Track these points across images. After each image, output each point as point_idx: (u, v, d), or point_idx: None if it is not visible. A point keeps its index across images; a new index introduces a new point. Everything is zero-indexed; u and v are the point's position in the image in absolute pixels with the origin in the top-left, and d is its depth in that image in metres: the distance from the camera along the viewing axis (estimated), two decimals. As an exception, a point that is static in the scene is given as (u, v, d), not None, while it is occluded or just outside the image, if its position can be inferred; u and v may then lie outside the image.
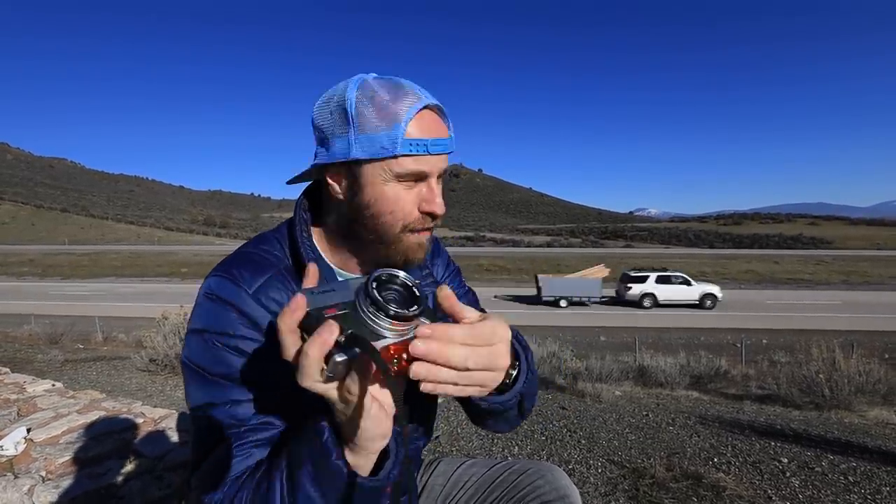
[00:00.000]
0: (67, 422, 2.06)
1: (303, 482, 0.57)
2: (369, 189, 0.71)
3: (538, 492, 0.88)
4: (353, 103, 0.69)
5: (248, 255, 0.75)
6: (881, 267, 31.40)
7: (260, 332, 0.69)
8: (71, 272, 33.28)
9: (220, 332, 0.68)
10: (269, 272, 0.73)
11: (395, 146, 0.68)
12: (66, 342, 10.09)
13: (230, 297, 0.69)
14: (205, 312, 0.70)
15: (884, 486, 2.67)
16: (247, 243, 0.80)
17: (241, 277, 0.70)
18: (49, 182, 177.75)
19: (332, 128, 0.71)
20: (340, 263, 0.81)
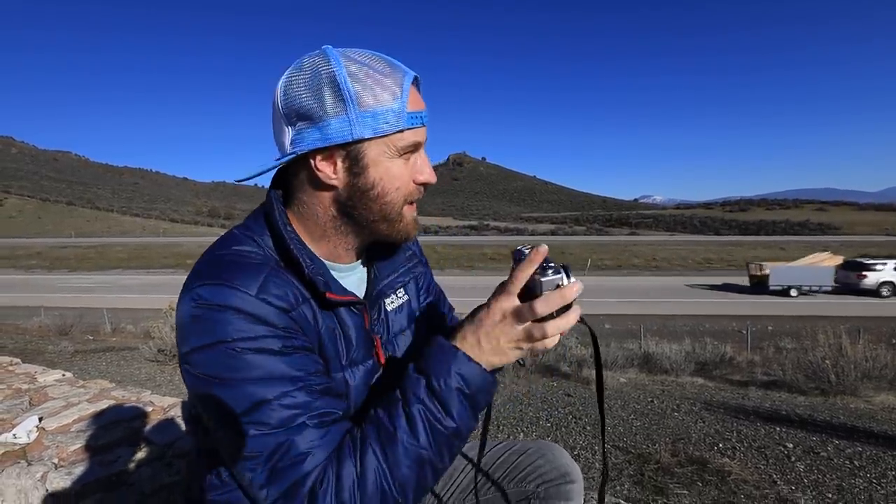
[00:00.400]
0: (78, 410, 2.09)
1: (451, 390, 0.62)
2: (373, 169, 0.69)
3: (539, 471, 0.88)
4: (346, 79, 0.64)
5: (229, 258, 0.67)
6: (888, 251, 31.12)
7: (279, 330, 0.63)
8: (78, 265, 33.57)
9: (241, 339, 0.60)
10: (262, 272, 0.65)
11: (401, 121, 0.67)
12: (76, 333, 10.22)
13: (233, 303, 0.61)
14: (208, 325, 0.61)
15: (889, 470, 2.67)
16: (218, 246, 0.70)
17: (236, 281, 0.62)
18: (54, 175, 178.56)
19: (319, 108, 0.65)
20: (327, 253, 0.76)
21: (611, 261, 30.85)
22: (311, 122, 0.66)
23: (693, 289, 22.61)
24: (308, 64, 0.66)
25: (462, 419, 0.63)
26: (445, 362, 0.63)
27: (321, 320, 0.70)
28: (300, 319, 0.66)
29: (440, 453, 0.63)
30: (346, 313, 0.75)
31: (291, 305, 0.65)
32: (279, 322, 0.63)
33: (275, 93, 0.69)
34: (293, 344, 0.64)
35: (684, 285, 23.53)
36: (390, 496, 0.60)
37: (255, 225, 0.74)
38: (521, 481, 0.89)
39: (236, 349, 0.60)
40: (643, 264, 29.59)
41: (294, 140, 0.67)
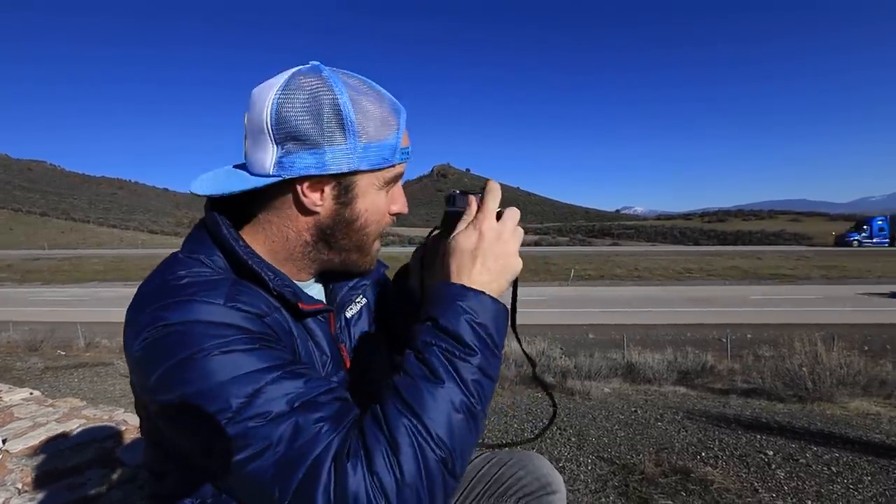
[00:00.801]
0: (46, 431, 2.01)
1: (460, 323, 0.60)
2: (361, 200, 0.69)
3: (520, 483, 0.88)
4: (350, 108, 0.63)
5: (180, 279, 0.61)
6: (859, 262, 32.17)
7: (253, 334, 0.58)
8: (51, 277, 32.49)
9: (214, 345, 0.55)
10: (224, 283, 0.61)
11: (396, 156, 0.69)
12: (47, 349, 9.84)
13: (201, 317, 0.56)
14: (176, 342, 0.55)
15: (865, 475, 2.72)
16: (159, 272, 0.64)
17: (199, 294, 0.57)
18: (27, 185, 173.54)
19: (318, 134, 0.62)
20: (289, 273, 0.73)
21: (593, 271, 31.19)
22: (306, 146, 0.63)
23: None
24: (306, 84, 0.63)
25: (482, 350, 0.60)
26: (448, 298, 0.62)
27: (295, 331, 0.69)
28: (275, 325, 0.63)
29: (472, 393, 0.57)
30: (313, 323, 0.73)
31: (264, 312, 0.62)
32: (254, 327, 0.59)
33: (260, 106, 0.63)
34: (272, 346, 0.60)
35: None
36: (432, 455, 0.52)
37: (200, 246, 0.68)
38: (501, 496, 0.88)
39: (213, 354, 0.54)
40: (625, 274, 29.98)
41: (281, 162, 0.63)
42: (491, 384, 0.61)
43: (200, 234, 0.70)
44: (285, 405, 0.54)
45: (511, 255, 0.67)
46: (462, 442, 0.56)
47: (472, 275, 0.64)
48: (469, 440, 0.57)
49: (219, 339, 0.55)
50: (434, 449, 0.53)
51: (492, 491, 0.89)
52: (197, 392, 0.54)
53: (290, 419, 0.53)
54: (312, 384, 0.57)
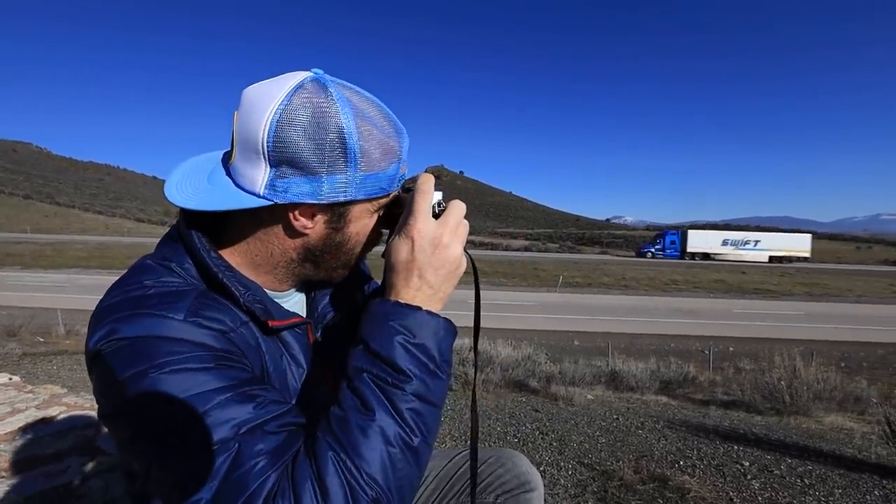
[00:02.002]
0: (25, 417, 1.98)
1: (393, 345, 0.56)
2: (354, 224, 0.67)
3: (499, 481, 0.90)
4: (356, 137, 0.59)
5: (144, 292, 0.58)
6: (840, 280, 32.87)
7: (214, 354, 0.55)
8: (32, 262, 31.79)
9: (166, 361, 0.52)
10: (190, 294, 0.58)
11: (394, 185, 0.67)
12: (25, 335, 9.64)
13: (158, 332, 0.53)
14: (129, 357, 0.52)
15: (836, 488, 2.79)
16: (129, 277, 0.61)
17: (159, 308, 0.55)
18: (11, 167, 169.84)
19: (318, 163, 0.59)
20: (268, 283, 0.71)
21: (581, 278, 31.42)
22: (303, 172, 0.59)
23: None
24: (309, 103, 0.58)
25: (418, 375, 0.55)
26: (379, 318, 0.58)
27: (265, 346, 0.65)
28: (241, 342, 0.60)
29: (408, 425, 0.53)
30: (289, 335, 0.70)
31: (229, 327, 0.59)
32: (215, 344, 0.56)
33: (257, 120, 0.58)
34: (231, 364, 0.56)
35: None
36: (364, 497, 0.50)
37: (173, 253, 0.65)
38: (481, 492, 0.90)
39: (164, 371, 0.51)
40: (613, 283, 30.26)
41: (273, 184, 0.60)
42: (433, 411, 0.57)
43: (174, 241, 0.67)
44: (229, 431, 0.51)
45: (452, 260, 0.61)
46: (400, 479, 0.52)
47: (409, 289, 0.60)
48: (409, 475, 0.53)
49: (170, 356, 0.52)
50: (366, 489, 0.50)
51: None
52: (140, 412, 0.52)
53: (231, 449, 0.51)
54: (262, 410, 0.54)
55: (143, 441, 0.53)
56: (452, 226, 0.63)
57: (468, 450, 0.97)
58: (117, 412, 0.54)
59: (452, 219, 0.63)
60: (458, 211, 0.64)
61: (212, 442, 0.50)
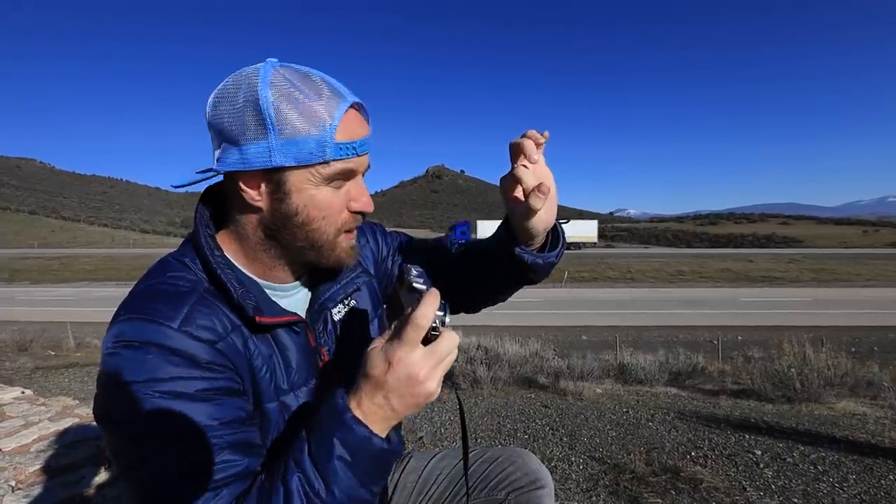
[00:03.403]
0: (38, 430, 2.00)
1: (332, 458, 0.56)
2: (297, 196, 0.66)
3: (510, 479, 0.90)
4: (270, 103, 0.62)
5: (155, 288, 0.64)
6: (848, 265, 32.62)
7: (200, 367, 0.60)
8: (41, 277, 32.11)
9: (153, 380, 0.57)
10: (188, 301, 0.63)
11: (325, 151, 0.64)
12: (36, 349, 9.73)
13: (153, 339, 0.58)
14: (126, 363, 0.58)
15: (850, 474, 2.78)
16: (147, 276, 0.68)
17: (158, 314, 0.60)
18: (16, 183, 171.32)
19: (241, 130, 0.63)
20: (263, 273, 0.73)
21: (587, 273, 31.36)
22: (232, 143, 0.64)
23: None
24: (240, 80, 0.64)
25: (348, 493, 0.57)
26: (329, 424, 0.58)
27: (254, 348, 0.68)
28: (228, 350, 0.64)
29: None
30: (285, 335, 0.72)
31: (219, 335, 0.63)
32: (202, 356, 0.60)
33: (207, 104, 0.66)
34: (212, 386, 0.60)
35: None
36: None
37: (187, 248, 0.71)
38: (492, 490, 0.90)
39: (146, 393, 0.57)
40: (618, 276, 30.18)
41: (219, 157, 0.66)
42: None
43: (190, 237, 0.72)
44: (173, 478, 0.57)
45: (423, 395, 0.59)
46: None
47: (372, 405, 0.59)
48: None
49: (160, 374, 0.58)
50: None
51: (482, 486, 0.91)
52: (117, 421, 0.59)
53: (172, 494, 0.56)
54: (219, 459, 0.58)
55: (118, 450, 0.60)
56: (436, 360, 0.59)
57: (478, 449, 0.99)
58: (104, 415, 0.60)
59: (439, 354, 0.60)
60: (449, 344, 0.60)
61: (156, 480, 0.57)
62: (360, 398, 0.59)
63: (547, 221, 0.78)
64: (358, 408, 0.59)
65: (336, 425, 0.57)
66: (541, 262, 0.81)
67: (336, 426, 0.57)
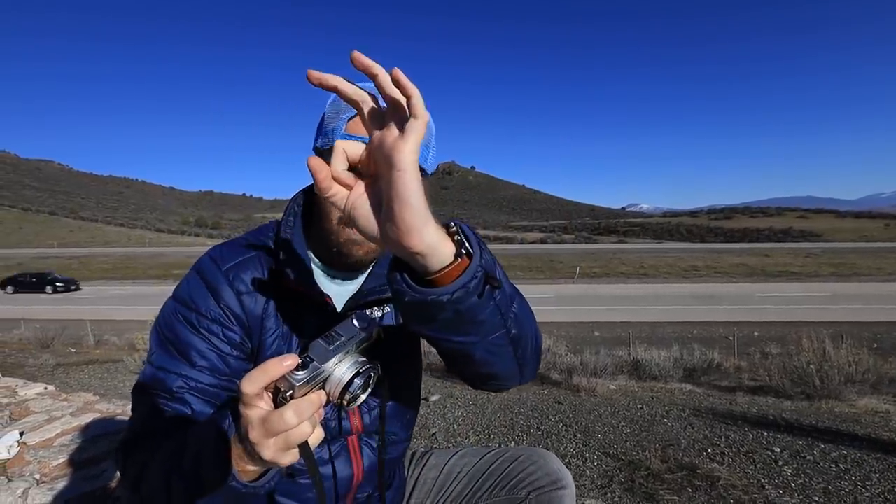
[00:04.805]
0: (61, 424, 2.05)
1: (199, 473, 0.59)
2: None
3: (531, 478, 0.89)
4: (328, 103, 0.77)
5: (241, 239, 0.83)
6: (869, 259, 31.86)
7: (219, 307, 0.75)
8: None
9: (184, 303, 0.75)
10: (249, 254, 0.79)
11: (327, 138, 0.75)
12: (58, 346, 9.98)
13: (205, 272, 0.77)
14: (184, 283, 0.77)
15: (873, 472, 2.72)
16: (255, 229, 0.87)
17: (222, 256, 0.78)
18: (36, 185, 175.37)
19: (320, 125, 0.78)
20: (324, 255, 0.83)
21: (599, 269, 31.11)
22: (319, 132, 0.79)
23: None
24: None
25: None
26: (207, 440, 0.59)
27: (277, 311, 0.78)
28: (248, 303, 0.77)
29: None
30: (314, 315, 0.78)
31: (248, 289, 0.77)
32: (223, 298, 0.75)
33: None
34: (216, 330, 0.74)
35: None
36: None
37: (284, 215, 0.85)
38: (512, 489, 0.90)
39: (179, 313, 0.75)
40: (631, 272, 29.88)
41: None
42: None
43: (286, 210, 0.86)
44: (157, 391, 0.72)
45: (259, 458, 0.51)
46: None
47: (235, 437, 0.56)
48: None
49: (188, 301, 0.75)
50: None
51: (503, 485, 0.91)
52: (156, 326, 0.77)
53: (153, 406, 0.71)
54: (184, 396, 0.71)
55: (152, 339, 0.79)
56: (269, 430, 0.50)
57: (498, 447, 0.99)
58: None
59: (275, 423, 0.49)
60: (281, 420, 0.49)
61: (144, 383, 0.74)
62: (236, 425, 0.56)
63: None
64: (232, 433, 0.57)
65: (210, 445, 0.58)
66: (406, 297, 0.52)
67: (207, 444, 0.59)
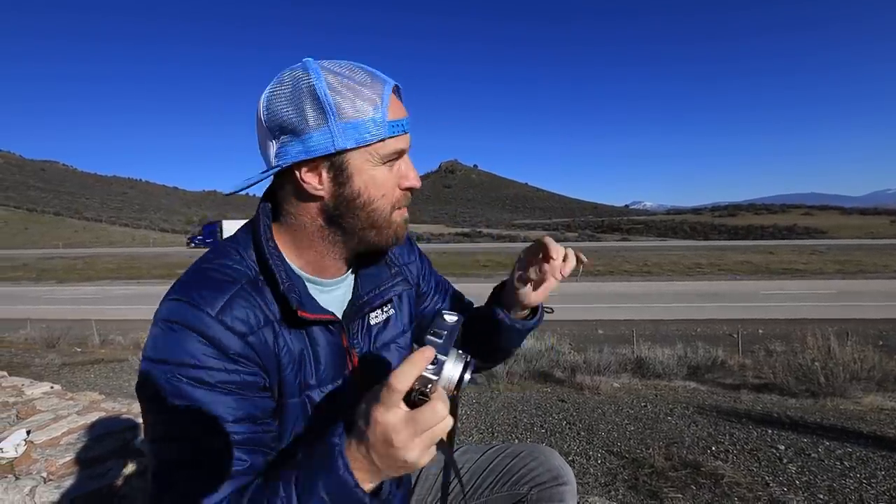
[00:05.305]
0: (67, 423, 2.06)
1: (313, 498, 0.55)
2: (357, 177, 0.70)
3: (532, 474, 0.90)
4: (326, 91, 0.66)
5: (206, 272, 0.69)
6: (875, 256, 31.63)
7: (228, 358, 0.63)
8: (66, 276, 33.03)
9: (182, 364, 0.61)
10: (231, 289, 0.67)
11: (382, 130, 0.69)
12: (63, 346, 10.04)
13: (190, 323, 0.63)
14: (163, 341, 0.63)
15: (879, 470, 2.70)
16: (203, 258, 0.73)
17: (201, 299, 0.64)
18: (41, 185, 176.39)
19: (300, 121, 0.67)
20: (309, 268, 0.76)
21: (602, 267, 31.01)
22: (294, 135, 0.68)
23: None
24: (289, 77, 0.69)
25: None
26: (319, 463, 0.57)
27: (286, 342, 0.70)
28: (258, 344, 0.67)
29: None
30: (319, 332, 0.74)
31: (251, 329, 0.66)
32: (232, 348, 0.64)
33: (258, 107, 0.70)
34: (235, 380, 0.64)
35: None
36: None
37: (244, 237, 0.75)
38: (514, 484, 0.90)
39: (178, 375, 0.61)
40: (634, 270, 29.77)
41: (278, 153, 0.69)
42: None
43: (247, 227, 0.77)
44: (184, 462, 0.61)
45: (402, 461, 0.54)
46: None
47: (358, 454, 0.56)
48: None
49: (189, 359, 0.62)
50: None
51: (504, 480, 0.92)
52: (151, 397, 0.63)
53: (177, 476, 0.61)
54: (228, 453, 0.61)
55: (145, 420, 0.65)
56: (414, 430, 0.53)
57: (499, 444, 1.00)
58: (139, 385, 0.65)
59: (419, 423, 0.53)
60: (433, 415, 0.53)
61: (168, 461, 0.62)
62: (350, 443, 0.57)
63: (539, 301, 0.92)
64: (348, 452, 0.56)
65: (324, 466, 0.56)
66: (518, 327, 0.93)
67: (324, 467, 0.56)
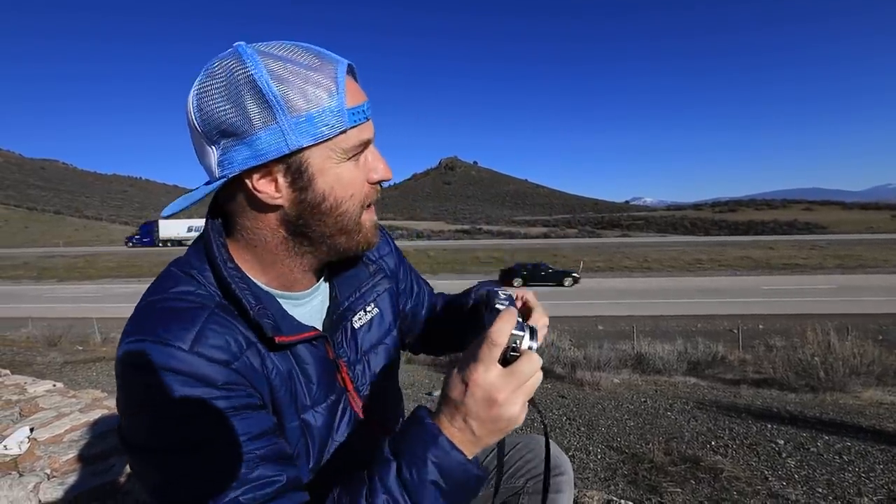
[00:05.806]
0: (70, 420, 2.07)
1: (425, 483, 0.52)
2: (321, 179, 0.60)
3: (528, 466, 0.90)
4: (269, 80, 0.54)
5: (162, 305, 0.58)
6: (875, 251, 31.62)
7: (216, 388, 0.54)
8: (66, 274, 33.07)
9: (165, 403, 0.52)
10: (199, 318, 0.57)
11: (342, 120, 0.58)
12: (65, 344, 10.08)
13: (162, 363, 0.53)
14: (137, 389, 0.54)
15: (877, 464, 2.72)
16: (153, 290, 0.61)
17: (168, 334, 0.54)
18: (41, 184, 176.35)
19: (242, 120, 0.55)
20: (278, 282, 0.68)
21: (602, 263, 31.04)
22: (238, 137, 0.56)
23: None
24: (220, 69, 0.56)
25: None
26: (422, 446, 0.53)
27: (272, 365, 0.63)
28: (245, 370, 0.58)
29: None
30: (303, 349, 0.67)
31: (234, 355, 0.57)
32: (218, 378, 0.55)
33: (187, 108, 0.58)
34: (233, 405, 0.55)
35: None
36: None
37: (196, 260, 0.64)
38: (510, 477, 0.90)
39: (163, 415, 0.53)
40: (635, 266, 29.80)
41: (221, 161, 0.58)
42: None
43: (198, 247, 0.66)
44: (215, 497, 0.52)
45: (505, 419, 0.54)
46: None
47: (453, 428, 0.54)
48: None
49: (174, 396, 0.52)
50: None
51: (500, 473, 0.91)
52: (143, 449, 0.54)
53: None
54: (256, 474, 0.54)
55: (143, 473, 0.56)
56: (517, 382, 0.54)
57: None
58: (124, 440, 0.57)
59: (519, 375, 0.54)
60: (530, 366, 0.55)
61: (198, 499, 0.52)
62: (441, 420, 0.55)
63: None
64: (446, 429, 0.54)
65: (430, 448, 0.53)
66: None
67: (430, 449, 0.53)
